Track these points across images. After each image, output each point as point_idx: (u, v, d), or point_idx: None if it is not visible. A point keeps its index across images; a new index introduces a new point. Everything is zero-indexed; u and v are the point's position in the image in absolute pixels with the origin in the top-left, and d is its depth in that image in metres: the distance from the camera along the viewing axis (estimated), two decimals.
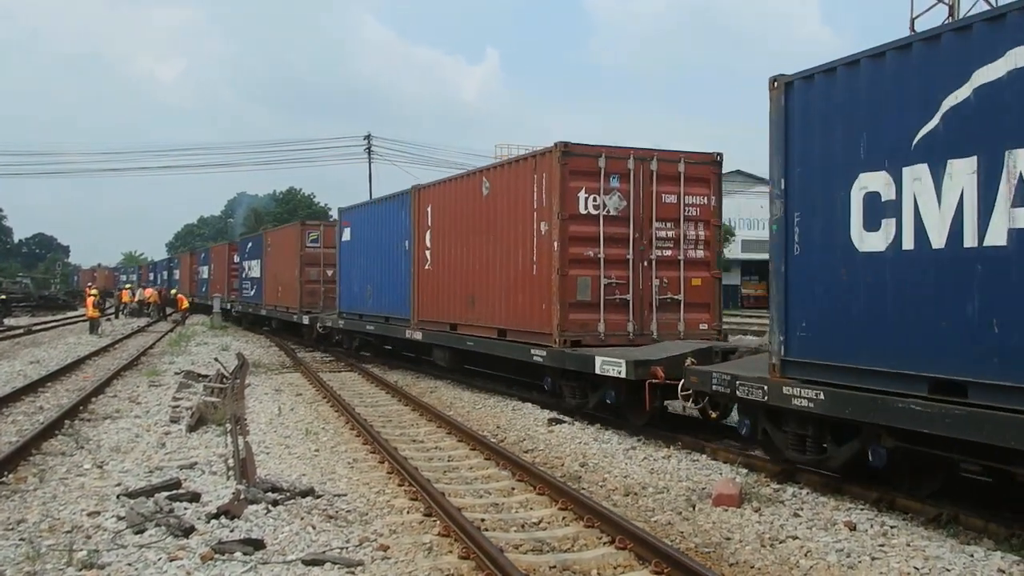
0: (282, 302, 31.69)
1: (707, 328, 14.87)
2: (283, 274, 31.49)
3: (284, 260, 31.40)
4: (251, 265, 37.72)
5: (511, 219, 15.45)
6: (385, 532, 7.77)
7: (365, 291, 23.64)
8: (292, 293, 30.02)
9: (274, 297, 33.03)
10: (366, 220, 24.00)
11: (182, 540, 7.27)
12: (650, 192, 14.47)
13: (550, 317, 14.07)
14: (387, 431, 13.01)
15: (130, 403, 15.89)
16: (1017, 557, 7.02)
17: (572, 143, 14.09)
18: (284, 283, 31.37)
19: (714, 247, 15.11)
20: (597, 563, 7.01)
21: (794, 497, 9.04)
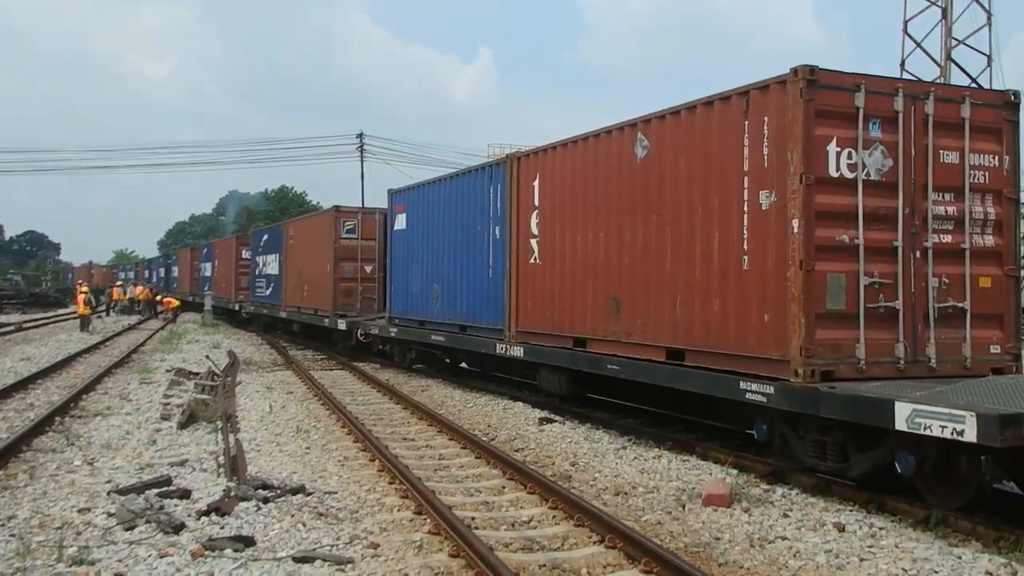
0: (308, 303, 27.45)
1: (999, 351, 10.18)
2: (310, 270, 27.22)
3: (312, 254, 27.05)
4: (267, 261, 33.20)
5: (695, 189, 10.85)
6: (375, 530, 7.78)
7: (430, 292, 19.11)
8: (323, 293, 25.61)
9: (298, 297, 28.72)
10: (431, 202, 19.20)
11: (172, 537, 7.27)
12: (923, 146, 9.83)
13: (784, 335, 9.36)
14: (378, 429, 13.02)
15: (121, 400, 15.87)
16: (1004, 559, 7.05)
17: (820, 68, 9.37)
18: (312, 281, 27.04)
19: (1009, 231, 10.38)
20: (587, 562, 7.03)
21: (784, 498, 9.07)
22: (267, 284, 33.11)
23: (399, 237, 21.07)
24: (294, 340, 31.33)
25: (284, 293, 30.70)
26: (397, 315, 21.09)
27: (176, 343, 29.22)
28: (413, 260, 20.06)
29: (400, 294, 21.04)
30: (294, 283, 29.31)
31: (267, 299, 33.14)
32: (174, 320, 43.57)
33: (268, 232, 34.23)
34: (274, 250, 31.80)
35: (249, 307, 36.42)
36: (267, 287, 33.14)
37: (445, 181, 18.79)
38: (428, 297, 19.17)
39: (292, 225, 31.23)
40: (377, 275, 24.25)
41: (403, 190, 21.03)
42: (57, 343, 29.37)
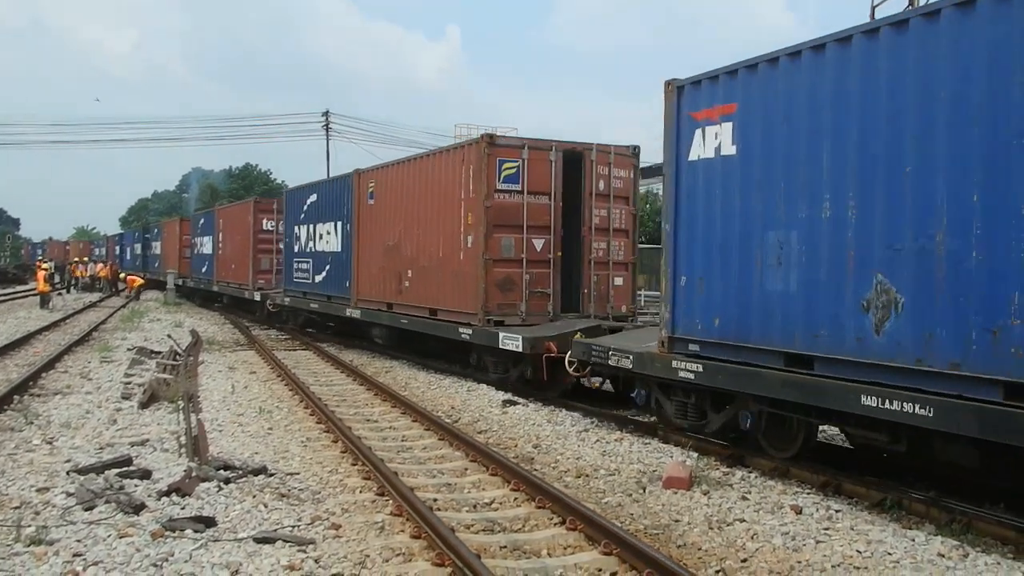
0: (423, 300, 17.77)
1: None
2: (426, 245, 17.67)
3: (430, 217, 17.48)
4: (317, 232, 24.05)
5: None
6: (337, 511, 7.79)
7: None
8: (458, 285, 16.32)
9: (391, 289, 19.26)
10: None
11: (132, 517, 7.24)
12: None
13: None
14: (341, 410, 13.00)
15: (81, 379, 15.71)
16: (956, 542, 7.21)
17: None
18: (429, 263, 17.55)
19: None
20: (547, 543, 7.09)
21: (743, 481, 9.19)
22: (318, 266, 24.04)
23: None
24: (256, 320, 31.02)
25: (356, 280, 21.19)
26: None
27: (138, 322, 28.93)
28: None
29: None
30: (382, 266, 19.78)
31: (318, 289, 23.90)
32: (137, 298, 43.05)
33: (317, 190, 24.62)
34: (332, 216, 22.88)
35: (279, 297, 27.12)
36: (317, 270, 24.05)
37: None
38: None
39: (377, 174, 20.38)
40: (554, 255, 15.73)
41: None
42: (16, 320, 28.97)
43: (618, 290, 16.53)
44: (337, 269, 22.52)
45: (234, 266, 33.04)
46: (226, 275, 34.45)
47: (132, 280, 46.13)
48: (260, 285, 29.93)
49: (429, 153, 18.11)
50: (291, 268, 26.44)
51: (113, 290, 49.45)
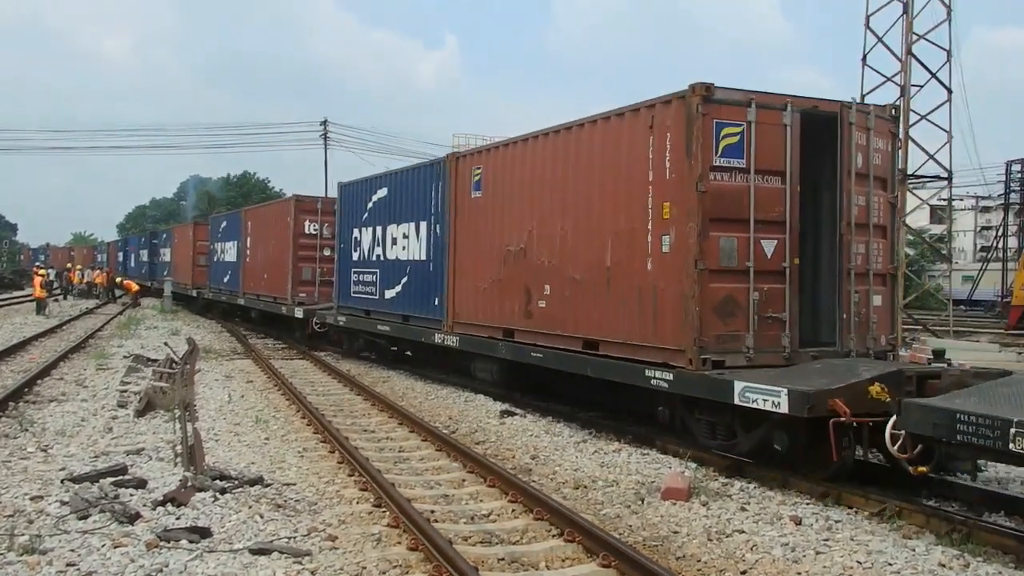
0: (571, 326, 12.78)
1: None
2: (551, 246, 13.32)
3: (559, 212, 13.13)
4: (389, 235, 19.17)
5: None
6: (334, 522, 7.74)
7: None
8: (667, 304, 11.03)
9: (519, 307, 14.08)
10: None
11: (127, 527, 7.18)
12: None
13: None
14: (338, 420, 12.95)
15: (77, 386, 15.66)
16: (957, 551, 7.18)
17: None
18: (595, 266, 12.29)
19: None
20: (545, 555, 7.04)
21: (742, 491, 9.15)
22: (389, 278, 19.03)
23: None
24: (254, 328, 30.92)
25: (451, 297, 16.25)
26: None
27: (134, 329, 28.86)
28: None
29: None
30: (498, 279, 14.71)
31: (389, 307, 19.01)
32: (135, 304, 42.91)
33: (389, 182, 19.41)
34: (412, 215, 17.99)
35: (329, 315, 22.54)
36: (389, 283, 19.04)
37: None
38: None
39: (487, 157, 15.38)
40: (790, 263, 10.82)
41: None
42: (12, 326, 28.89)
43: (878, 313, 11.63)
44: (420, 282, 17.47)
45: (267, 276, 27.94)
46: (256, 286, 29.23)
47: (129, 285, 46.06)
48: (301, 299, 25.06)
49: (582, 122, 12.50)
50: (347, 280, 21.43)
51: (110, 297, 49.33)
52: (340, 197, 22.37)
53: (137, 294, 44.91)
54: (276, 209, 28.46)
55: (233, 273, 32.31)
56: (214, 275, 35.79)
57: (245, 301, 30.73)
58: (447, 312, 16.37)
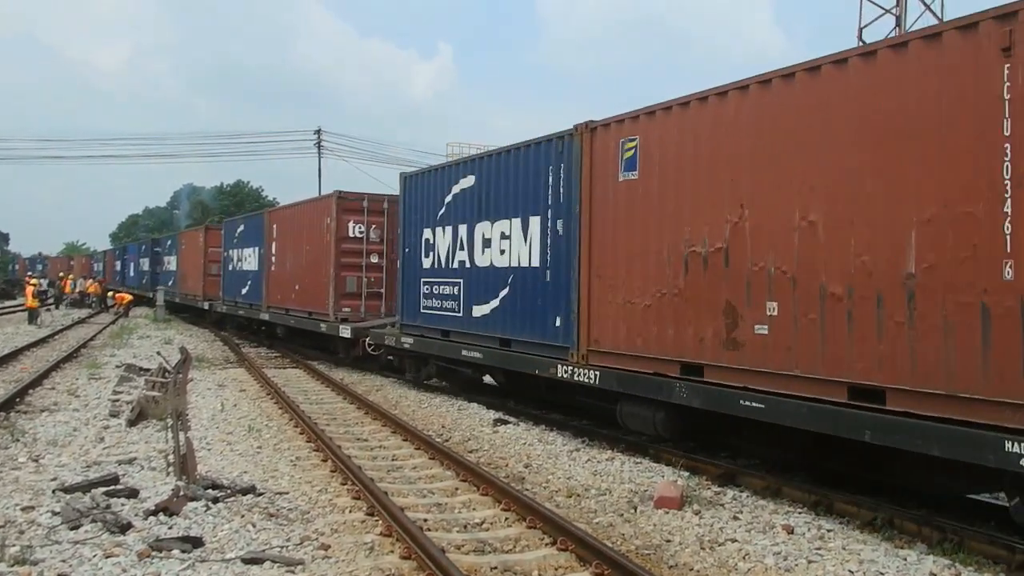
0: None
1: None
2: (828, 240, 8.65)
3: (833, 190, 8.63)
4: (460, 239, 15.86)
5: None
6: (327, 531, 7.72)
7: None
8: None
9: (669, 333, 10.58)
10: None
11: (118, 537, 7.16)
12: None
13: None
14: (331, 429, 12.93)
15: (69, 396, 15.61)
16: (948, 561, 7.20)
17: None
18: None
19: None
20: (538, 564, 7.04)
21: (734, 500, 9.16)
22: (480, 290, 15.13)
23: None
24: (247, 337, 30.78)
25: (585, 317, 12.27)
26: None
27: (127, 338, 28.80)
28: None
29: None
30: (675, 291, 10.57)
31: (480, 327, 15.05)
32: (126, 315, 42.83)
33: (477, 169, 15.49)
34: (515, 209, 14.08)
35: (388, 335, 18.71)
36: (478, 297, 15.17)
37: None
38: None
39: (646, 125, 11.18)
40: None
41: None
42: (4, 336, 28.80)
43: None
44: (529, 296, 13.53)
45: (299, 288, 24.20)
46: (284, 299, 25.55)
47: (121, 297, 45.82)
48: (344, 314, 21.44)
49: (846, 55, 8.54)
50: (414, 293, 17.58)
51: (103, 306, 49.20)
52: (404, 191, 18.29)
53: (128, 305, 44.72)
54: (312, 209, 23.85)
55: (254, 284, 28.52)
56: (229, 286, 31.91)
57: (269, 316, 26.69)
58: (577, 336, 12.20)
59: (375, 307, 21.62)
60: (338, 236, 21.64)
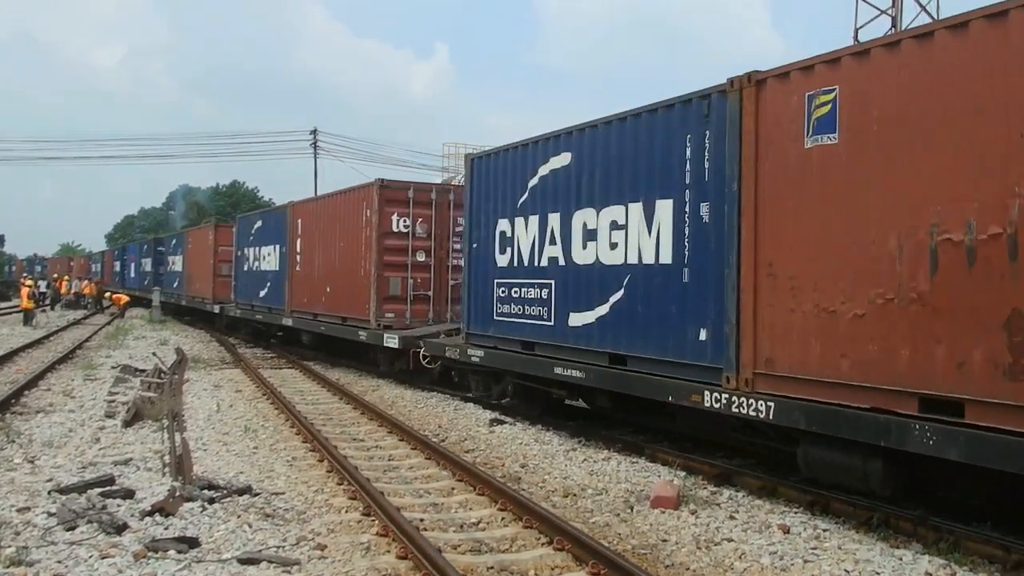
0: None
1: None
2: None
3: None
4: (547, 228, 12.95)
5: None
6: (323, 531, 7.72)
7: None
8: None
9: (898, 355, 7.62)
10: None
11: (114, 537, 7.15)
12: None
13: None
14: (327, 429, 12.92)
15: (64, 397, 15.59)
16: (944, 560, 7.20)
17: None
18: None
19: None
20: (535, 564, 7.04)
21: (730, 500, 9.16)
22: (581, 291, 12.19)
23: None
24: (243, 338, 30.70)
25: (750, 329, 9.20)
26: None
27: (122, 339, 28.76)
28: None
29: None
30: (971, 290, 7.16)
31: (585, 339, 12.07)
32: (122, 316, 42.76)
33: (575, 142, 12.48)
34: (639, 191, 11.08)
35: (451, 347, 15.74)
36: (582, 300, 12.16)
37: None
38: None
39: (862, 69, 8.07)
40: None
41: None
42: None
43: None
44: (654, 301, 10.68)
45: (330, 290, 21.63)
46: (312, 303, 22.91)
47: (118, 298, 45.76)
48: (388, 320, 18.92)
49: None
50: (486, 296, 14.56)
51: (98, 307, 49.12)
52: (472, 176, 15.38)
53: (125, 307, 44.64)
54: (347, 201, 20.90)
55: (274, 286, 25.74)
56: (243, 288, 29.13)
57: (293, 321, 23.98)
58: (736, 355, 9.29)
59: (422, 312, 19.21)
60: (380, 231, 18.95)
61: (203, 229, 36.76)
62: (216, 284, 32.71)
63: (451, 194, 19.44)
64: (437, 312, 19.24)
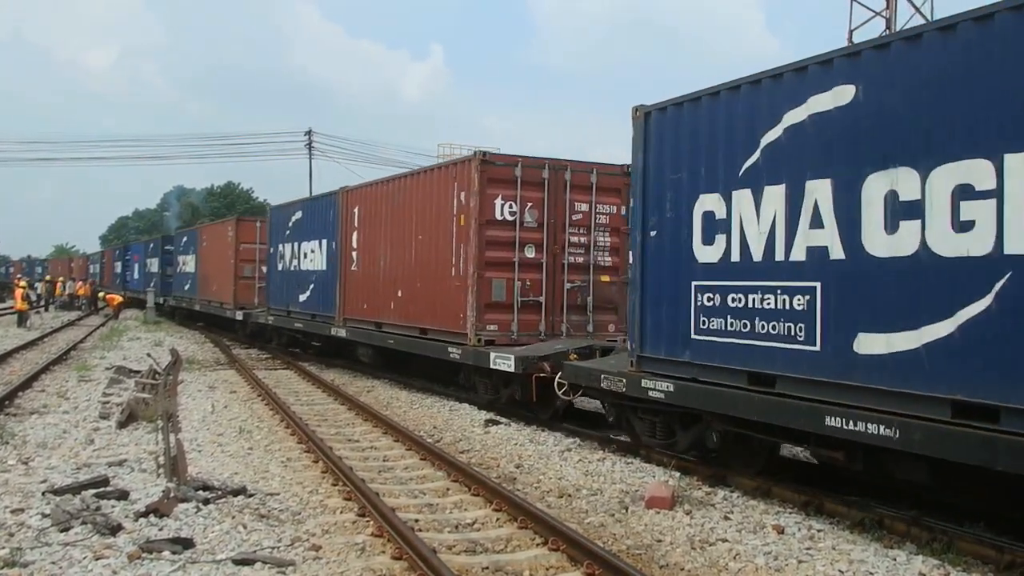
0: None
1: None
2: None
3: None
4: (739, 208, 9.36)
5: None
6: (318, 532, 7.72)
7: None
8: None
9: None
10: None
11: (109, 539, 7.14)
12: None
13: None
14: (322, 430, 12.91)
15: (58, 398, 15.56)
16: (937, 561, 7.22)
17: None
18: None
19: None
20: (530, 564, 7.04)
21: (725, 500, 9.18)
22: (914, 294, 7.53)
23: None
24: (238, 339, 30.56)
25: None
26: None
27: (117, 340, 28.71)
28: None
29: None
30: None
31: (899, 370, 7.61)
32: (116, 317, 42.70)
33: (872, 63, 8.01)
34: None
35: (637, 381, 10.66)
36: (898, 306, 7.68)
37: None
38: None
39: None
40: None
41: None
42: None
43: None
44: None
45: (402, 293, 17.48)
46: (376, 310, 18.66)
47: (112, 299, 45.68)
48: (491, 334, 14.87)
49: None
50: (674, 305, 10.37)
51: (92, 308, 49.01)
52: (647, 136, 10.96)
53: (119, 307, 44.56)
54: (428, 182, 16.76)
55: (320, 288, 21.85)
56: (276, 291, 25.48)
57: (348, 332, 19.98)
58: None
59: (531, 324, 15.06)
60: (481, 219, 14.76)
61: (221, 224, 32.76)
62: (238, 287, 28.77)
63: (567, 171, 15.31)
64: (550, 324, 15.15)
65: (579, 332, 14.99)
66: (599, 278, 15.53)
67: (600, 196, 15.51)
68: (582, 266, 15.44)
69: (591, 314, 15.42)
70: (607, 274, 15.60)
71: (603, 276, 15.56)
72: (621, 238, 15.43)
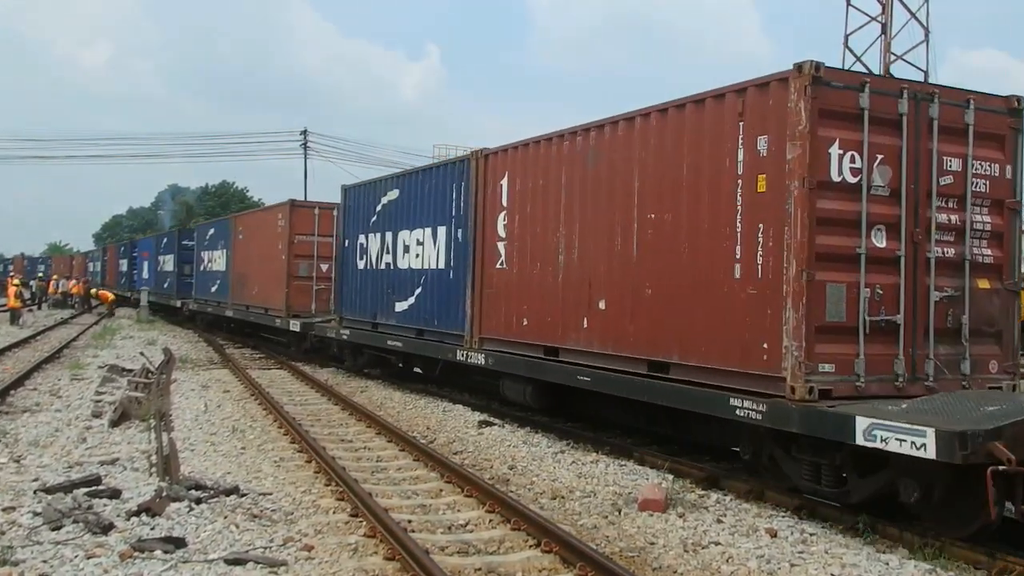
0: None
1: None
2: None
3: None
4: None
5: None
6: (310, 532, 7.70)
7: None
8: None
9: None
10: None
11: (100, 537, 7.13)
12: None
13: None
14: (315, 430, 12.89)
15: (51, 396, 15.52)
16: (929, 565, 7.23)
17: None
18: None
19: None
20: (522, 565, 7.04)
21: (718, 503, 9.18)
22: None
23: None
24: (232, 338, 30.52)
25: None
26: None
27: (110, 339, 28.65)
28: None
29: None
30: None
31: None
32: (111, 315, 42.60)
33: None
34: None
35: None
36: None
37: None
38: None
39: None
40: None
41: None
42: None
43: None
44: None
45: (605, 306, 11.41)
46: (542, 330, 12.83)
47: (104, 295, 45.59)
48: (823, 381, 8.48)
49: None
50: None
51: (85, 307, 48.90)
52: None
53: (112, 304, 44.47)
54: (668, 124, 10.41)
55: (433, 296, 16.41)
56: (358, 296, 19.84)
57: (490, 359, 14.14)
58: None
59: (883, 362, 8.92)
60: (812, 179, 8.52)
61: (268, 212, 27.46)
62: (291, 290, 23.41)
63: (934, 102, 9.15)
64: (910, 360, 9.04)
65: (952, 374, 9.21)
66: (976, 283, 9.42)
67: (978, 146, 9.43)
68: (953, 264, 9.32)
69: (967, 343, 9.27)
70: (987, 277, 9.51)
71: (981, 280, 9.46)
72: (1006, 218, 9.61)
